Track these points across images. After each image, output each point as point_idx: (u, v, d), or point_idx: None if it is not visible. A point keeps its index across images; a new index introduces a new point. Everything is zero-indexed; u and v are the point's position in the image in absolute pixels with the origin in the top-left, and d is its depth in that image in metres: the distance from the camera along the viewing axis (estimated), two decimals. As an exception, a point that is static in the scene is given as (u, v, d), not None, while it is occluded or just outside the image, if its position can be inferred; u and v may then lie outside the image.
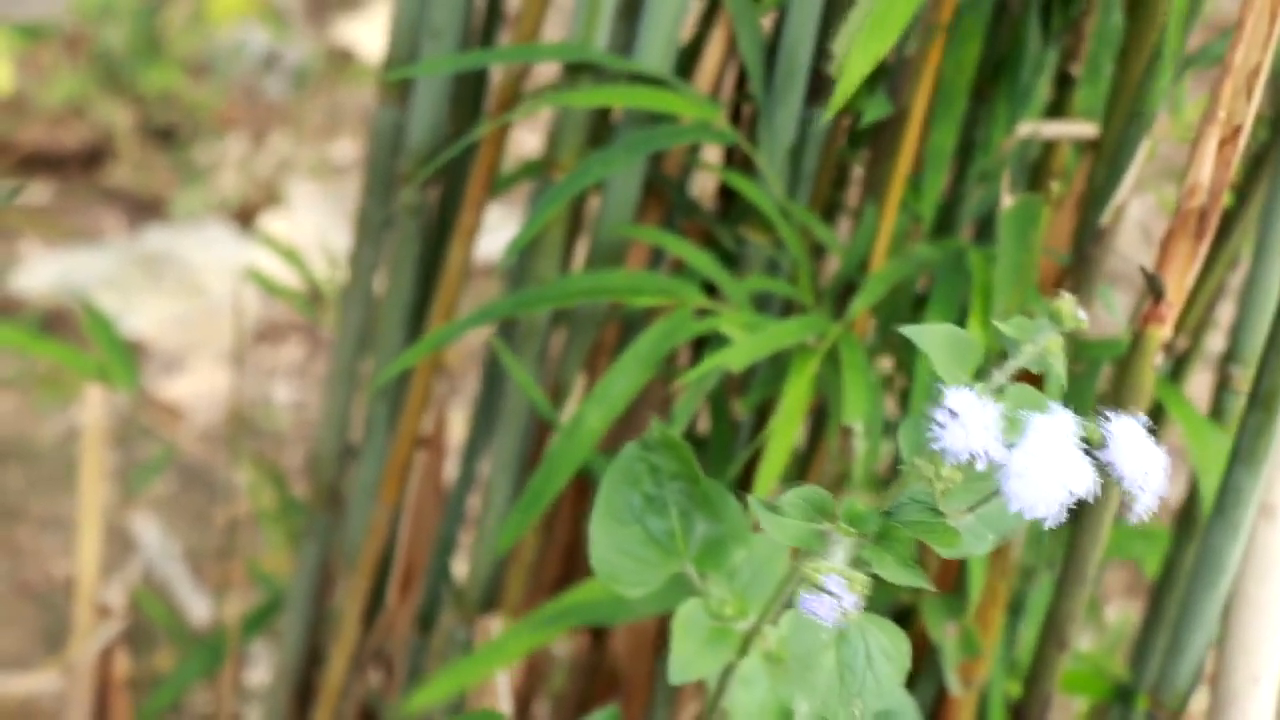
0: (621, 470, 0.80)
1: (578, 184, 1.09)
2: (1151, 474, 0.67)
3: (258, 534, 1.90)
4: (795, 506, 0.71)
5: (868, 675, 0.73)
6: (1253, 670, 1.02)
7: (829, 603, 0.69)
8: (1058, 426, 0.66)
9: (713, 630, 0.78)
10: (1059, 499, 0.65)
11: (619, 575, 0.79)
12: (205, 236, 2.48)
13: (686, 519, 0.80)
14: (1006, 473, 0.65)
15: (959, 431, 0.66)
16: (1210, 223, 0.89)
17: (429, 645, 1.33)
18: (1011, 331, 0.69)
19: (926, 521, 0.70)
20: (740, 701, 0.78)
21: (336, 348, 1.36)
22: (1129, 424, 0.67)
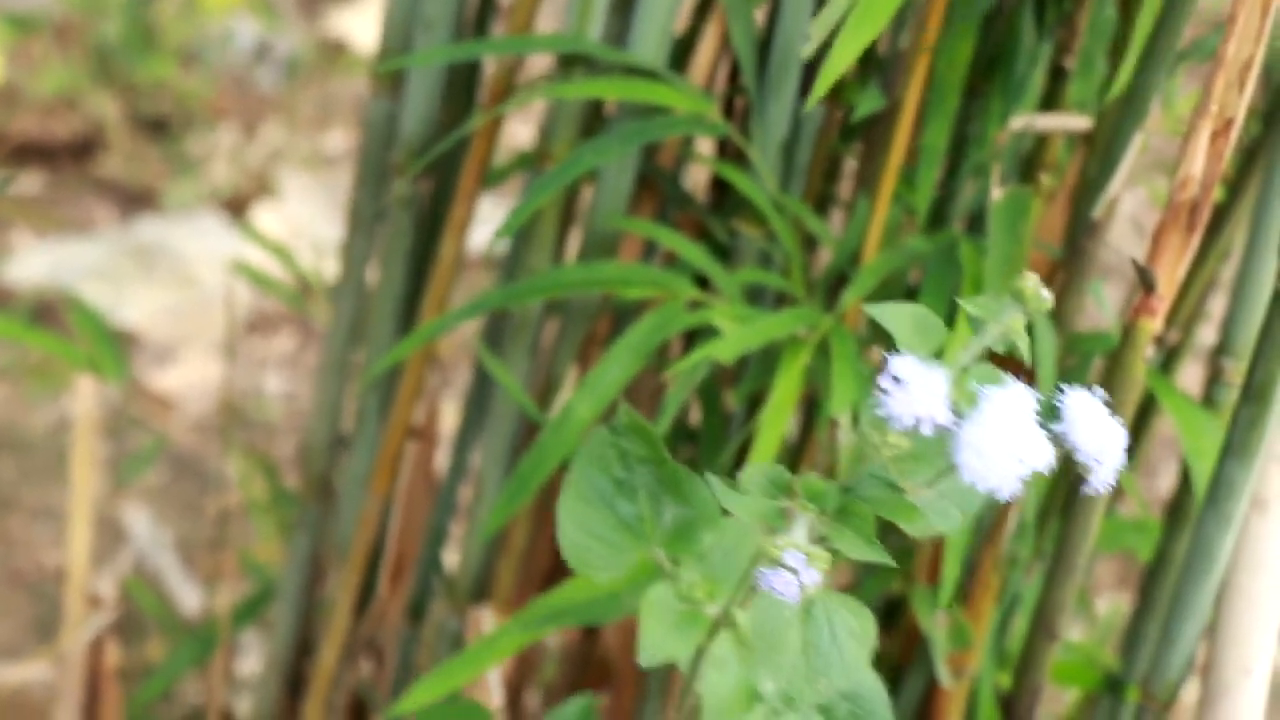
0: (590, 454, 0.80)
1: (571, 172, 1.09)
2: (1108, 447, 0.67)
3: (249, 524, 1.90)
4: (755, 483, 0.71)
5: (833, 653, 0.73)
6: (1244, 662, 1.02)
7: (788, 579, 0.69)
8: (1013, 400, 0.66)
9: (682, 613, 0.77)
10: (1013, 472, 0.65)
11: (588, 559, 0.79)
12: (197, 227, 2.48)
13: (655, 503, 0.80)
14: (960, 445, 0.65)
15: (903, 397, 0.66)
16: (1202, 215, 0.90)
17: (420, 635, 1.33)
18: (977, 310, 0.69)
19: (886, 497, 0.70)
20: (712, 684, 0.78)
21: (328, 339, 1.36)
22: (1085, 398, 0.67)
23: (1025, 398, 0.66)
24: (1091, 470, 0.67)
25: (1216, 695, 1.03)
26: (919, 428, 0.66)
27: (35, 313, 2.34)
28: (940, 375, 0.66)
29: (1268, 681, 1.04)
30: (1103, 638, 1.64)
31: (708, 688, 0.79)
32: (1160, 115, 1.13)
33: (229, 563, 1.62)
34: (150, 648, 1.78)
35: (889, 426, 0.67)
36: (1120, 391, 0.95)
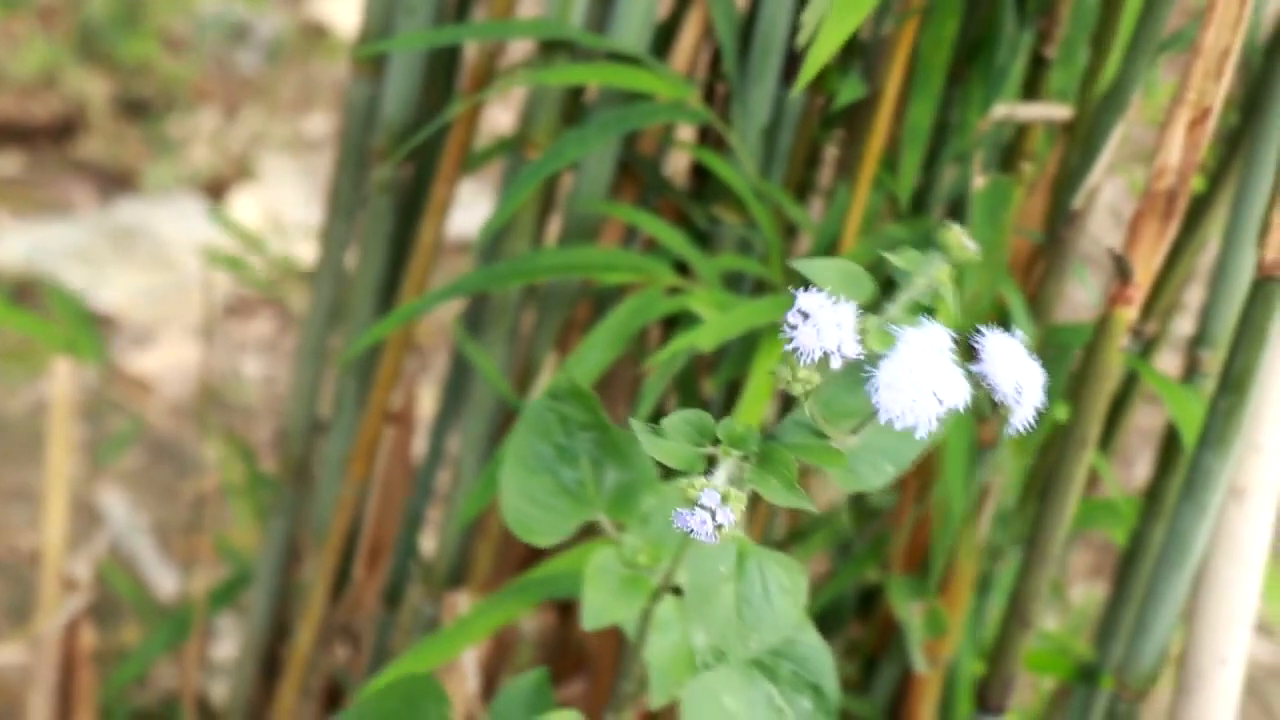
0: (531, 421, 0.80)
1: (550, 166, 1.09)
2: (1027, 386, 0.67)
3: (226, 508, 1.90)
4: (677, 429, 0.71)
5: (765, 609, 0.73)
6: (1220, 651, 1.02)
7: (704, 519, 0.69)
8: (929, 338, 0.66)
9: (626, 578, 0.78)
10: (931, 410, 0.65)
11: (530, 525, 0.79)
12: (176, 210, 2.48)
13: (597, 468, 0.80)
14: (877, 384, 0.65)
15: (809, 331, 0.66)
16: (1178, 204, 0.90)
17: (396, 620, 1.33)
18: (902, 263, 0.69)
19: (809, 443, 0.70)
20: (655, 646, 0.78)
21: (306, 322, 1.36)
22: (1004, 337, 0.67)
23: (942, 337, 0.66)
24: (1011, 408, 0.67)
25: (1192, 684, 1.03)
26: (828, 361, 0.66)
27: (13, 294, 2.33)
28: (849, 309, 0.66)
29: (1243, 670, 1.04)
30: (1077, 627, 1.64)
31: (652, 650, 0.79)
32: (1141, 105, 1.13)
33: (205, 546, 1.62)
34: (125, 631, 1.78)
35: (798, 361, 0.67)
36: (1096, 380, 0.95)
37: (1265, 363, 0.93)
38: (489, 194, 1.92)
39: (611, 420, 1.22)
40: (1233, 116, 1.10)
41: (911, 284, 0.70)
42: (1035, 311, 1.11)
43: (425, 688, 0.93)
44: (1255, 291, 0.91)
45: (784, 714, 0.82)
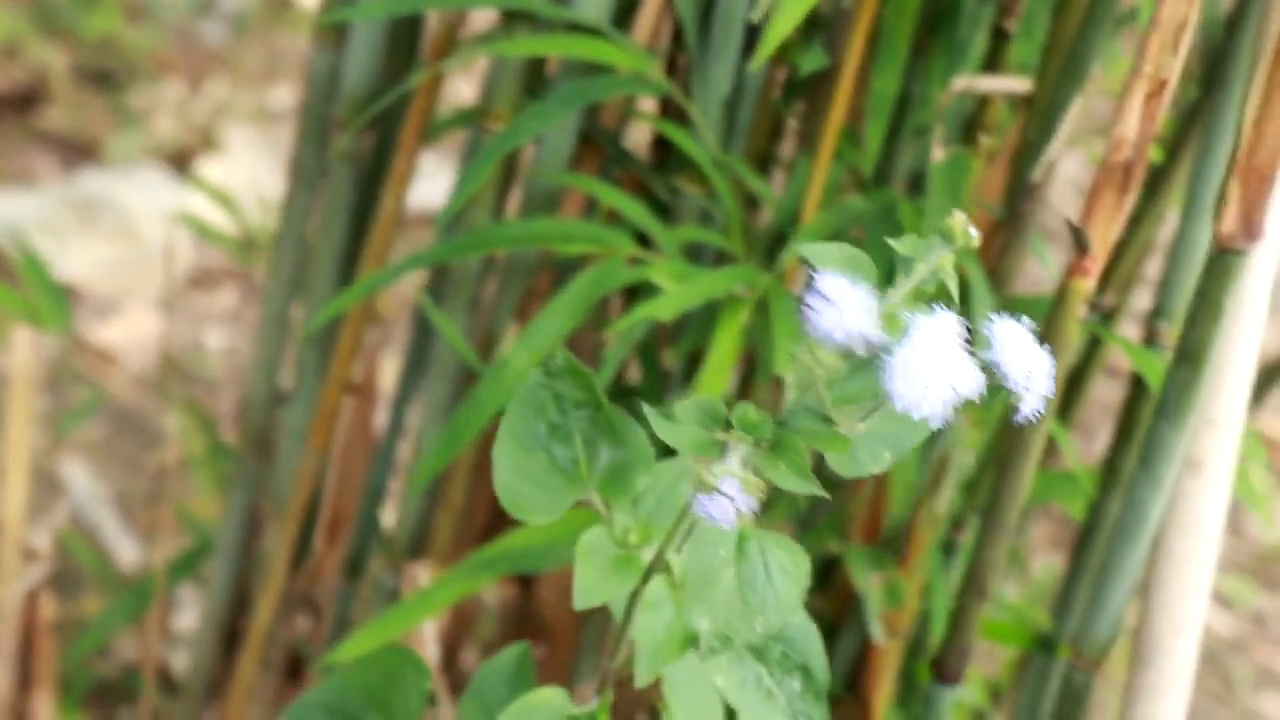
0: (526, 398, 0.79)
1: (511, 141, 1.09)
2: (1036, 374, 0.67)
3: (187, 479, 1.90)
4: (690, 414, 0.71)
5: (768, 591, 0.73)
6: (1175, 623, 1.03)
7: (724, 504, 0.69)
8: (941, 326, 0.66)
9: (617, 557, 0.77)
10: (943, 397, 0.65)
11: (523, 503, 0.79)
12: (140, 181, 2.47)
13: (591, 446, 0.79)
14: (890, 371, 0.65)
15: (833, 314, 0.66)
16: (1135, 176, 0.90)
17: (357, 591, 1.33)
18: (905, 249, 0.69)
19: (819, 430, 0.70)
20: (644, 626, 0.78)
21: (267, 294, 1.36)
22: (1014, 326, 0.67)
23: (954, 325, 0.66)
24: (1020, 397, 0.68)
25: (1148, 655, 1.03)
26: (851, 345, 0.66)
27: (-25, 265, 2.32)
28: (868, 292, 0.66)
29: (1199, 642, 1.04)
30: (1037, 598, 1.65)
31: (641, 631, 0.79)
32: (1102, 78, 1.13)
33: (166, 517, 1.62)
34: (86, 602, 1.78)
35: (821, 345, 0.67)
36: (1054, 351, 0.95)
37: (1221, 335, 0.93)
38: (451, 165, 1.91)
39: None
40: (1192, 89, 1.11)
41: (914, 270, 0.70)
42: (995, 283, 1.11)
43: (404, 659, 0.93)
44: (1211, 264, 0.91)
45: (773, 695, 0.82)
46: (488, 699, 0.88)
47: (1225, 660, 2.13)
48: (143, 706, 1.53)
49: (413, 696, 0.91)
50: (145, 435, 2.10)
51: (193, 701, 1.47)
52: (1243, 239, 0.89)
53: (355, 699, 0.91)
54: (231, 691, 1.39)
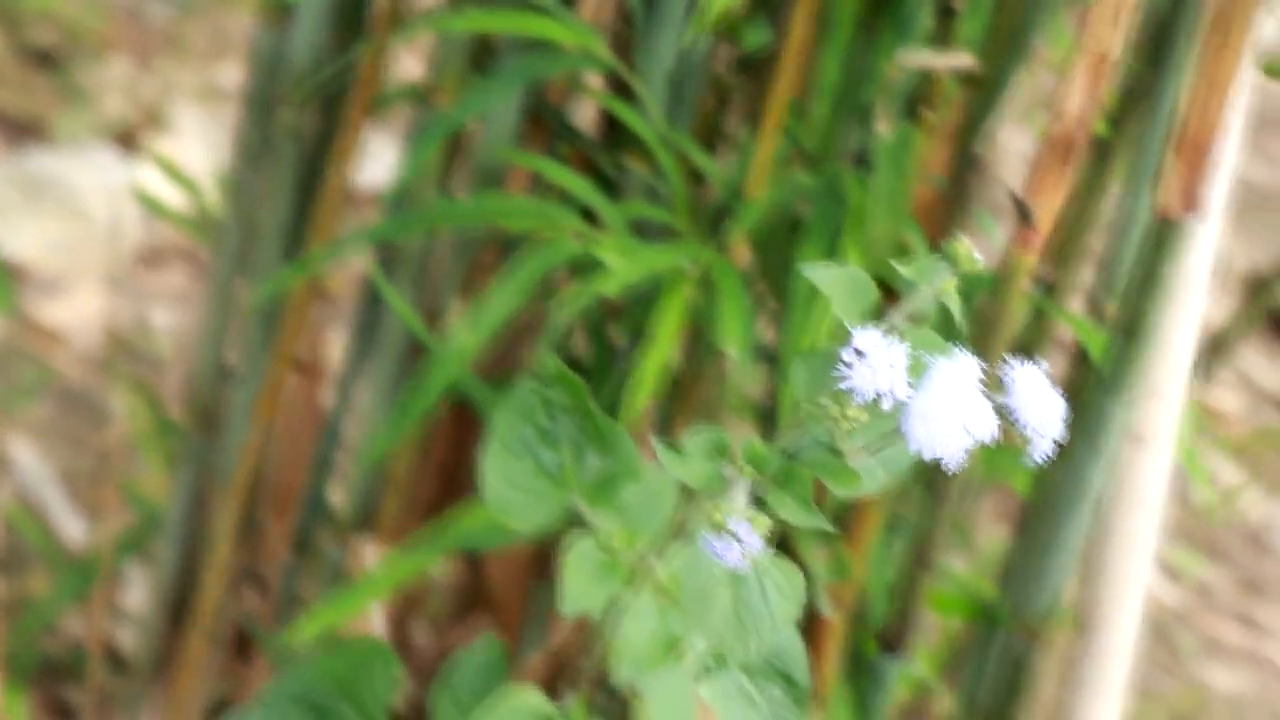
0: (515, 404, 0.79)
1: (456, 118, 1.09)
2: (1050, 419, 0.68)
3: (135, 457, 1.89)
4: (697, 447, 0.72)
5: (764, 611, 0.73)
6: (1117, 594, 1.04)
7: (733, 545, 0.69)
8: (960, 369, 0.66)
9: (602, 563, 0.78)
10: (960, 442, 0.66)
11: (511, 508, 0.79)
12: (87, 160, 2.45)
13: (578, 452, 0.80)
14: (908, 414, 0.66)
15: (865, 371, 0.66)
16: (1078, 150, 0.90)
17: (305, 567, 1.33)
18: (909, 273, 0.70)
19: (826, 462, 0.70)
20: (629, 634, 0.78)
21: (213, 271, 1.35)
22: (1030, 370, 0.68)
23: (971, 368, 0.67)
24: (1033, 442, 0.68)
25: (1090, 626, 1.04)
26: (879, 402, 0.66)
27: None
28: (900, 349, 0.66)
29: (1141, 614, 1.05)
30: (985, 570, 1.66)
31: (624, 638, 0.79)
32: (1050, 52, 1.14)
33: (113, 495, 1.61)
34: (33, 580, 1.77)
35: (849, 400, 0.67)
36: (998, 325, 0.96)
37: (1162, 308, 0.94)
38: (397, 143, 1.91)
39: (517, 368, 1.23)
40: (1137, 63, 1.11)
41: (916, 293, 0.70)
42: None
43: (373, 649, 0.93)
44: (1151, 236, 0.92)
45: (755, 702, 0.82)
46: (460, 693, 0.88)
47: (1171, 630, 2.15)
48: (90, 684, 1.52)
49: (381, 686, 0.91)
50: (92, 414, 2.10)
51: (140, 678, 1.47)
52: (1182, 212, 0.90)
53: (324, 689, 0.91)
54: (179, 668, 1.39)
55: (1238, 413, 2.50)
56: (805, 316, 1.04)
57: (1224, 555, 2.28)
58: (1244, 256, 2.68)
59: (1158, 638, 2.12)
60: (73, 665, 1.67)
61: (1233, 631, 2.18)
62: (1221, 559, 2.28)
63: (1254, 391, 2.54)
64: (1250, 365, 2.57)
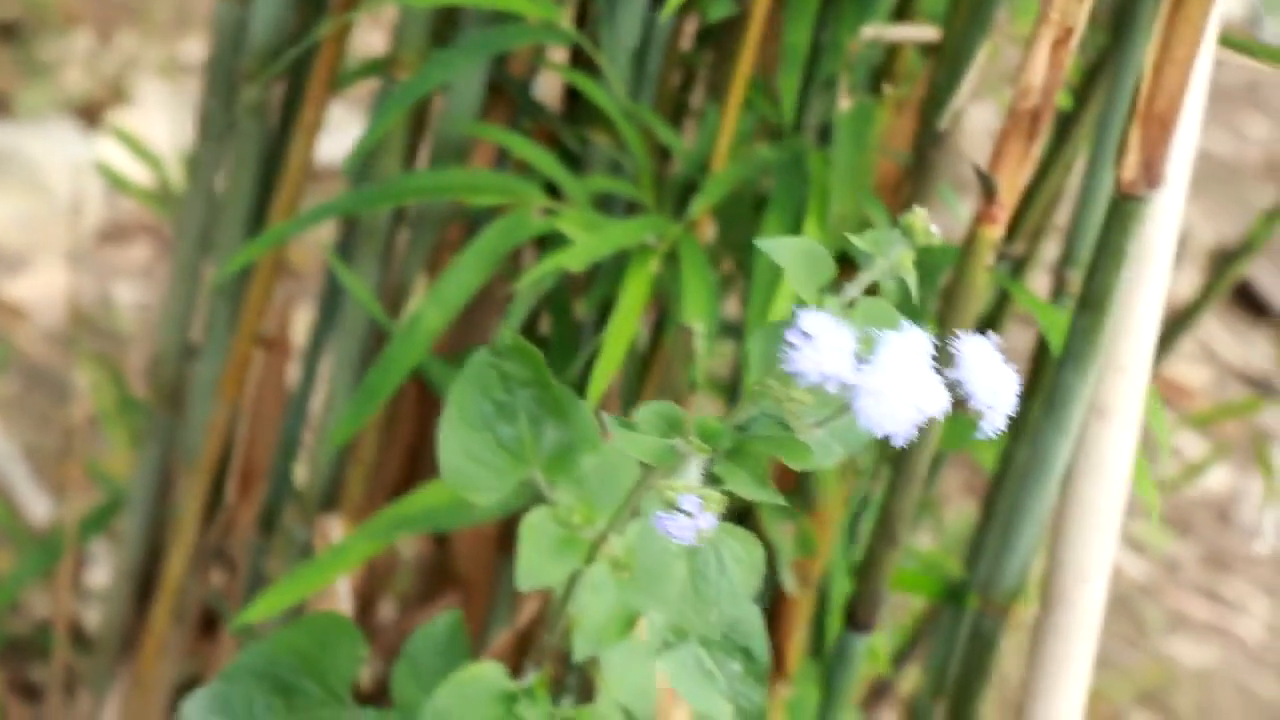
0: (472, 377, 0.79)
1: (417, 90, 1.09)
2: (1002, 392, 0.68)
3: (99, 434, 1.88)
4: (649, 421, 0.71)
5: (723, 583, 0.73)
6: (1082, 570, 1.04)
7: (684, 522, 0.69)
8: (910, 344, 0.66)
9: (560, 537, 0.77)
10: (910, 418, 0.65)
11: (469, 482, 0.79)
12: (49, 134, 2.44)
13: (536, 426, 0.79)
14: (859, 390, 0.65)
15: (812, 354, 0.66)
16: (1042, 123, 0.90)
17: (272, 546, 1.33)
18: (865, 245, 0.69)
19: (778, 437, 0.70)
20: (588, 608, 0.78)
21: (177, 246, 1.35)
22: (980, 343, 0.68)
23: (922, 343, 0.66)
24: (985, 414, 0.68)
25: (1055, 602, 1.04)
26: (824, 385, 0.66)
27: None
28: (847, 332, 0.66)
29: (1107, 588, 1.05)
30: (950, 546, 1.66)
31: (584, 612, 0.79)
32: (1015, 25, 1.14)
33: (77, 473, 1.61)
34: (-2, 558, 1.77)
35: (795, 382, 0.67)
36: (963, 299, 0.96)
37: (1125, 282, 0.94)
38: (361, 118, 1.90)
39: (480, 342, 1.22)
40: (1101, 36, 1.11)
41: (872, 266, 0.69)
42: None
43: (335, 624, 0.93)
44: (1113, 211, 0.91)
45: (714, 677, 0.82)
46: (421, 668, 0.88)
47: (1137, 605, 2.15)
48: (55, 662, 1.52)
49: (344, 661, 0.91)
50: (56, 390, 2.09)
51: (106, 657, 1.46)
52: (1144, 185, 0.90)
53: (287, 664, 0.91)
54: (145, 647, 1.39)
55: (1203, 387, 2.50)
56: (768, 291, 1.03)
57: (1190, 530, 2.29)
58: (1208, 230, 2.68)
59: (1123, 612, 2.13)
60: (38, 644, 1.66)
61: (1198, 606, 2.18)
62: (1189, 534, 2.28)
63: (1219, 365, 2.55)
64: (1215, 339, 2.58)
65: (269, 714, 0.90)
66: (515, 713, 0.82)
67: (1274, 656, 2.14)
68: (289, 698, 0.91)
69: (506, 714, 0.82)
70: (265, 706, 0.91)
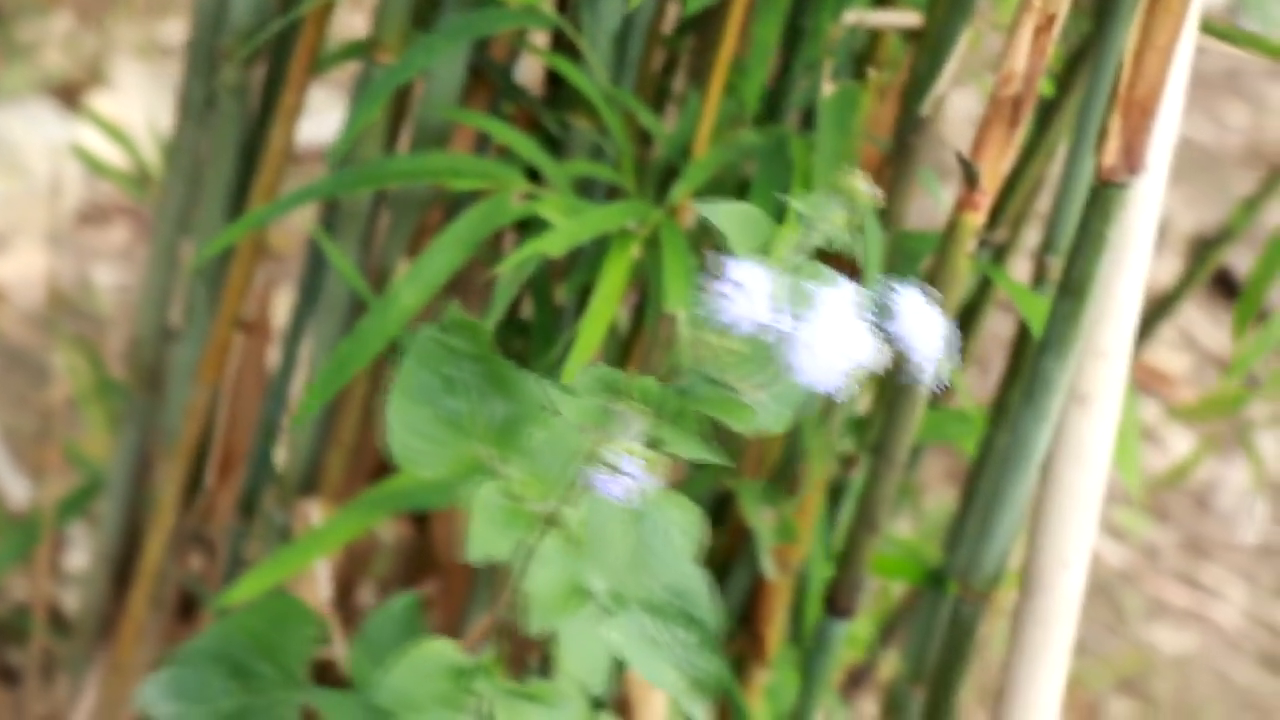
0: (418, 352, 0.79)
1: (399, 75, 1.08)
2: (936, 344, 0.68)
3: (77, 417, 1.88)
4: (587, 385, 0.71)
5: (665, 551, 0.73)
6: (1062, 555, 1.04)
7: (623, 482, 0.69)
8: (843, 298, 0.66)
9: (510, 511, 0.77)
10: (845, 370, 0.65)
11: (415, 456, 0.79)
12: (28, 115, 2.43)
13: (483, 400, 0.79)
14: (792, 344, 0.65)
15: (743, 302, 0.66)
16: (1024, 110, 0.90)
17: (251, 530, 1.32)
18: (805, 208, 0.69)
19: (719, 398, 0.70)
20: (538, 580, 0.78)
21: (156, 229, 1.34)
22: (914, 295, 0.68)
23: (856, 296, 0.66)
24: (920, 367, 0.68)
25: (1034, 588, 1.04)
26: (755, 332, 0.66)
27: None
28: (777, 280, 0.66)
29: (1086, 574, 1.05)
30: (930, 533, 1.66)
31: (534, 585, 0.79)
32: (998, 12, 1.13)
33: (55, 455, 1.60)
34: (-25, 541, 1.76)
35: (725, 330, 0.67)
36: (945, 286, 0.95)
37: (1105, 268, 0.94)
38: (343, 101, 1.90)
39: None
40: (1083, 22, 1.11)
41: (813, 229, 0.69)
42: (885, 219, 1.11)
43: (290, 607, 0.93)
44: (1094, 197, 0.91)
45: (664, 646, 0.82)
46: (377, 646, 0.88)
47: (1117, 591, 2.16)
48: (33, 646, 1.52)
49: (300, 642, 0.91)
50: (34, 373, 2.08)
51: (84, 641, 1.46)
52: (1124, 172, 0.90)
53: (242, 646, 0.91)
54: (123, 630, 1.38)
55: (1183, 373, 2.51)
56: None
57: (1169, 516, 2.29)
58: (1188, 217, 2.69)
59: (1103, 599, 2.13)
60: (16, 627, 1.66)
61: (1177, 592, 2.19)
62: (1168, 520, 2.29)
63: (1199, 352, 2.56)
64: (1195, 326, 2.58)
65: (225, 696, 0.91)
66: (469, 688, 0.83)
67: (1252, 643, 2.14)
68: (245, 680, 0.91)
69: (460, 689, 0.83)
70: (221, 689, 0.91)
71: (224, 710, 0.91)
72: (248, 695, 0.91)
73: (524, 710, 0.83)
